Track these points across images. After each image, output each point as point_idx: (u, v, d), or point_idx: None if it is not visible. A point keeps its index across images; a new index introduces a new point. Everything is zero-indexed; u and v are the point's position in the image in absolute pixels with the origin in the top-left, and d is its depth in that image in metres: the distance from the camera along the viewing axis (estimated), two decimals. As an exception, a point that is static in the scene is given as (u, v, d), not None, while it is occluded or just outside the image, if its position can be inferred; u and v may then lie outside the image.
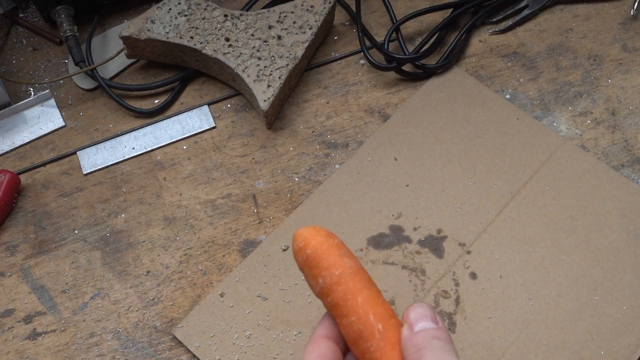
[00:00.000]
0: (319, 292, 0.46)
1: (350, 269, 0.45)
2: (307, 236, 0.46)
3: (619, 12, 0.73)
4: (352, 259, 0.46)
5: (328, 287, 0.45)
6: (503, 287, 0.60)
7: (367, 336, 0.43)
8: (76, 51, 0.70)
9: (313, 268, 0.46)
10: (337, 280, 0.45)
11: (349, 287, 0.45)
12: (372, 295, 0.45)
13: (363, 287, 0.45)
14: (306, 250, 0.46)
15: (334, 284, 0.45)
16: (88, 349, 0.60)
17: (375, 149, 0.67)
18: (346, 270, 0.45)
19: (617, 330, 0.58)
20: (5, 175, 0.65)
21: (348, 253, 0.47)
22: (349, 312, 0.44)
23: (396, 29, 0.71)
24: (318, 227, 0.47)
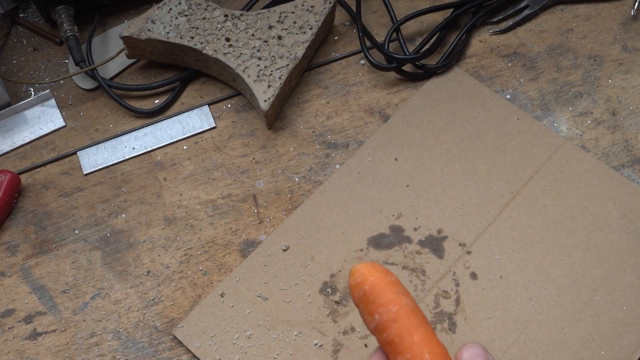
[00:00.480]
0: (375, 328, 0.46)
1: (407, 306, 0.46)
2: (365, 272, 0.47)
3: (619, 13, 0.73)
4: (408, 297, 0.47)
5: (384, 323, 0.45)
6: (503, 287, 0.60)
7: None
8: (76, 51, 0.70)
9: (369, 304, 0.46)
10: (394, 317, 0.45)
11: (405, 324, 0.45)
12: (428, 334, 0.45)
13: (419, 326, 0.45)
14: (364, 286, 0.46)
15: (391, 320, 0.45)
16: (88, 349, 0.60)
17: (375, 149, 0.67)
18: (403, 308, 0.46)
19: (617, 331, 0.58)
20: (5, 175, 0.65)
21: (404, 291, 0.47)
22: (405, 349, 0.44)
23: (396, 29, 0.71)
24: (375, 263, 0.48)
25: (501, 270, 0.61)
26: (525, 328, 0.58)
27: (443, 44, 0.72)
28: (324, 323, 0.59)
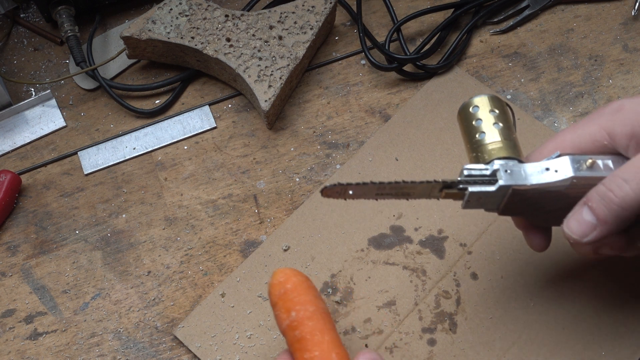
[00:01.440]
0: (288, 325, 0.49)
1: (322, 310, 0.50)
2: (289, 273, 0.51)
3: (620, 13, 0.73)
4: (323, 303, 0.51)
5: (300, 320, 0.49)
6: (504, 287, 0.60)
7: None
8: (77, 51, 0.70)
9: (288, 301, 0.50)
10: (310, 315, 0.49)
11: (319, 324, 0.49)
12: (336, 338, 0.49)
13: (330, 329, 0.49)
14: (286, 284, 0.51)
15: (307, 318, 0.49)
16: (89, 349, 0.60)
17: (376, 149, 0.67)
18: (319, 310, 0.50)
19: (618, 331, 0.58)
20: (6, 176, 0.65)
21: (321, 297, 0.52)
22: (314, 347, 0.48)
23: (397, 29, 0.71)
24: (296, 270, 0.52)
25: (502, 271, 0.61)
26: (526, 328, 0.58)
27: (444, 44, 0.72)
28: None
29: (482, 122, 0.51)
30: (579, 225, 0.47)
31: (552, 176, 0.48)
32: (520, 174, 0.48)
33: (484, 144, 0.50)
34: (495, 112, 0.51)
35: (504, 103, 0.52)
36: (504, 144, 0.50)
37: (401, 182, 0.49)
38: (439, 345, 0.58)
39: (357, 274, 0.61)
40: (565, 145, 0.50)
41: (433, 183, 0.49)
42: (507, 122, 0.51)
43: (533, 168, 0.49)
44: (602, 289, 0.59)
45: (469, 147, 0.51)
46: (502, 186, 0.48)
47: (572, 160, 0.48)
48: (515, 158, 0.49)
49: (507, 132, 0.50)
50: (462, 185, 0.49)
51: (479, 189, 0.48)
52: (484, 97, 0.52)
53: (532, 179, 0.48)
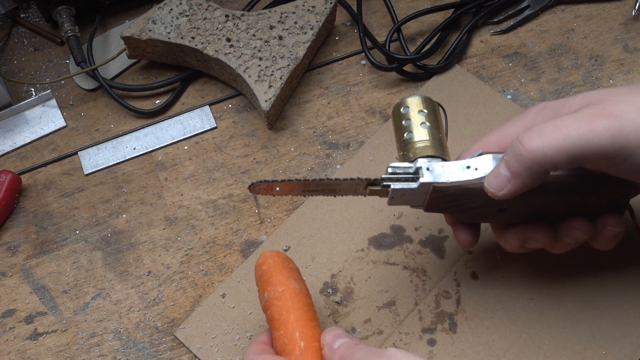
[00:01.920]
0: (264, 306, 0.52)
1: (293, 290, 0.52)
2: (267, 255, 0.53)
3: (620, 13, 0.73)
4: (299, 282, 0.53)
5: (270, 301, 0.51)
6: (504, 287, 0.60)
7: (290, 350, 0.49)
8: (77, 51, 0.70)
9: (263, 282, 0.52)
10: (279, 296, 0.51)
11: (287, 304, 0.51)
12: (305, 317, 0.51)
13: (298, 308, 0.51)
14: (262, 266, 0.53)
15: (275, 298, 0.51)
16: (89, 349, 0.60)
17: (376, 149, 0.67)
18: (289, 290, 0.52)
19: (619, 330, 0.58)
20: (6, 176, 0.65)
21: (297, 277, 0.53)
22: (280, 326, 0.50)
23: (397, 30, 0.71)
24: (281, 252, 0.54)
25: (502, 270, 0.61)
26: (526, 328, 0.58)
27: (444, 44, 0.72)
28: (324, 324, 0.59)
29: (411, 121, 0.53)
30: (495, 178, 0.48)
31: (471, 174, 0.50)
32: (441, 171, 0.50)
33: (411, 142, 0.52)
34: (424, 113, 0.53)
35: (435, 104, 0.54)
36: (430, 143, 0.51)
37: (326, 180, 0.51)
38: (439, 346, 0.58)
39: (357, 273, 0.61)
40: (491, 145, 0.52)
41: (357, 180, 0.51)
42: (435, 122, 0.53)
43: (454, 166, 0.50)
44: (602, 288, 0.59)
45: (398, 146, 0.53)
46: (423, 183, 0.50)
47: (493, 158, 0.50)
48: (439, 157, 0.51)
49: (434, 131, 0.52)
50: (385, 182, 0.51)
51: (401, 185, 0.50)
52: (416, 98, 0.53)
53: (452, 177, 0.50)
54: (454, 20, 0.72)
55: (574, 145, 0.45)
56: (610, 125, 0.44)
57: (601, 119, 0.45)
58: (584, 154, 0.45)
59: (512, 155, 0.47)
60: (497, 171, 0.48)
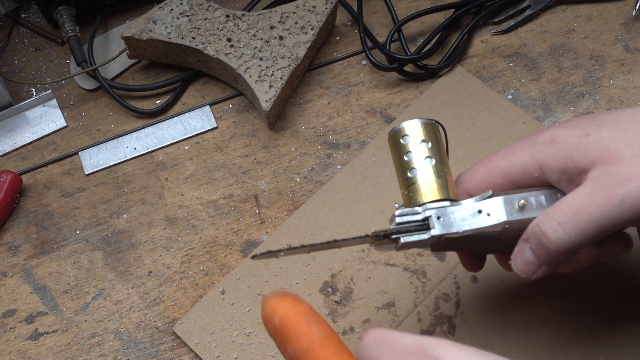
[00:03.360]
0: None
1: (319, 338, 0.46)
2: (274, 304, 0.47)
3: (620, 13, 0.73)
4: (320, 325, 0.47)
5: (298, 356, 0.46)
6: (504, 291, 0.60)
7: None
8: (78, 51, 0.71)
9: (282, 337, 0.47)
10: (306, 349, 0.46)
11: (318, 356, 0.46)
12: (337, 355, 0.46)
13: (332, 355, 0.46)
14: (274, 319, 0.47)
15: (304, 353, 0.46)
16: (90, 349, 0.60)
17: (379, 150, 0.67)
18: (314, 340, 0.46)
19: (618, 338, 0.57)
20: (7, 176, 0.65)
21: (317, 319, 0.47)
22: None
23: (398, 30, 0.71)
24: (285, 293, 0.48)
25: (502, 274, 0.60)
26: (524, 332, 0.58)
27: (445, 44, 0.72)
28: None
29: (413, 156, 0.49)
30: (525, 265, 0.47)
31: (484, 220, 0.47)
32: (452, 219, 0.47)
33: (416, 183, 0.48)
34: (428, 144, 0.49)
35: (437, 128, 0.50)
36: (437, 184, 0.48)
37: (332, 242, 0.48)
38: None
39: (357, 274, 0.61)
40: (497, 173, 0.49)
41: (364, 237, 0.48)
42: (439, 154, 0.49)
43: (465, 212, 0.47)
44: (603, 294, 0.59)
45: (401, 182, 0.50)
46: (434, 235, 0.47)
47: (504, 201, 0.47)
48: (447, 199, 0.48)
49: (440, 167, 0.48)
50: (394, 235, 0.48)
51: (412, 239, 0.48)
52: (416, 125, 0.49)
53: (464, 225, 0.47)
54: (455, 20, 0.72)
55: (599, 226, 0.44)
56: (629, 194, 0.43)
57: (618, 188, 0.43)
58: (610, 227, 0.44)
59: (537, 246, 0.45)
60: (524, 257, 0.47)
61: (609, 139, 0.45)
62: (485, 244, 0.50)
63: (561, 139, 0.47)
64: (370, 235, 0.48)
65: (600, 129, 0.46)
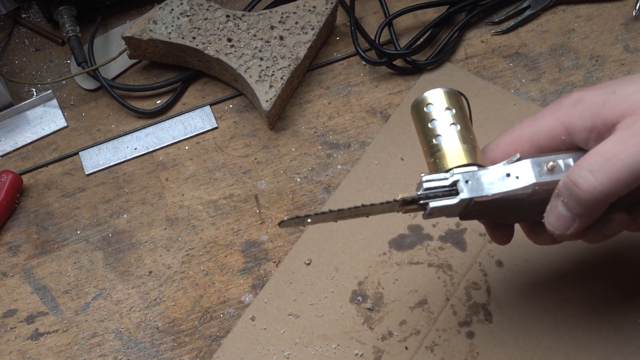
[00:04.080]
0: None
1: None
2: None
3: (621, 13, 0.73)
4: None
5: None
6: (531, 271, 0.60)
7: None
8: (78, 52, 0.71)
9: None
10: None
11: None
12: None
13: None
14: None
15: None
16: (90, 349, 0.61)
17: (380, 152, 0.67)
18: None
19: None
20: (7, 176, 0.66)
21: None
22: None
23: (388, 24, 0.71)
24: None
25: (526, 254, 0.60)
26: (560, 307, 0.58)
27: (436, 40, 0.72)
28: (360, 332, 0.59)
29: (438, 123, 0.48)
30: (557, 220, 0.46)
31: (513, 183, 0.46)
32: (481, 183, 0.46)
33: (442, 149, 0.48)
34: (452, 111, 0.48)
35: (460, 97, 0.50)
36: (463, 149, 0.47)
37: (360, 207, 0.47)
38: (478, 337, 0.58)
39: (383, 277, 0.61)
40: (523, 140, 0.48)
41: (392, 202, 0.47)
42: (464, 120, 0.49)
43: (494, 175, 0.47)
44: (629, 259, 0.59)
45: (426, 151, 0.49)
46: (463, 199, 0.46)
47: (533, 163, 0.46)
48: (474, 164, 0.47)
49: (465, 133, 0.48)
50: (422, 200, 0.47)
51: (440, 203, 0.47)
52: (439, 93, 0.49)
53: (493, 188, 0.46)
54: (448, 18, 0.72)
55: (632, 172, 0.43)
56: None
57: None
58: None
59: (569, 197, 0.45)
60: (557, 212, 0.46)
61: (636, 92, 0.45)
62: (514, 211, 0.49)
63: (587, 98, 0.46)
64: (398, 200, 0.47)
65: (627, 84, 0.45)
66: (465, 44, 0.73)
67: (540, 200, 0.48)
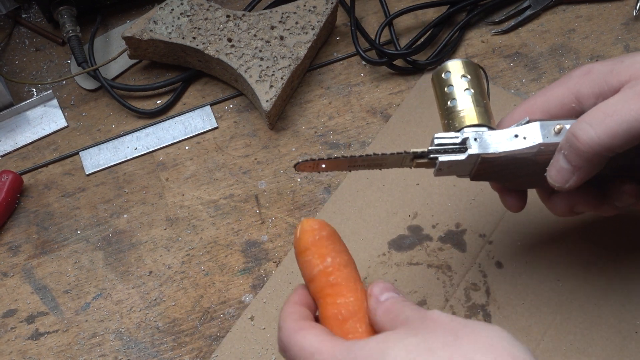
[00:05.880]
0: (321, 271, 0.48)
1: (353, 261, 0.50)
2: (322, 222, 0.50)
3: (621, 13, 0.73)
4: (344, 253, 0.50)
5: (336, 266, 0.48)
6: (530, 271, 0.60)
7: (363, 314, 0.47)
8: (79, 52, 0.71)
9: (323, 248, 0.49)
10: (346, 263, 0.49)
11: (354, 274, 0.49)
12: (364, 289, 0.49)
13: (360, 281, 0.49)
14: (322, 231, 0.49)
15: (343, 265, 0.49)
16: (90, 349, 0.61)
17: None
18: (351, 260, 0.50)
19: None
20: (7, 176, 0.66)
21: (342, 248, 0.50)
22: (349, 293, 0.48)
23: (389, 24, 0.71)
24: (316, 220, 0.50)
25: (525, 255, 0.61)
26: (559, 309, 0.58)
27: (436, 40, 0.72)
28: None
29: (454, 88, 0.51)
30: (557, 173, 0.48)
31: (520, 143, 0.49)
32: (489, 141, 0.49)
33: (455, 111, 0.51)
34: (468, 78, 0.51)
35: (477, 67, 0.53)
36: (475, 111, 0.50)
37: (372, 155, 0.50)
38: None
39: (383, 278, 0.61)
40: (535, 109, 0.51)
41: (404, 154, 0.50)
42: (479, 87, 0.52)
43: (502, 135, 0.49)
44: (627, 258, 0.59)
45: (441, 114, 0.52)
46: (471, 155, 0.49)
47: (541, 126, 0.49)
48: (485, 125, 0.50)
49: (479, 98, 0.51)
50: (432, 155, 0.50)
51: (449, 158, 0.49)
52: (457, 62, 0.52)
53: (501, 147, 0.49)
54: (448, 18, 0.72)
55: (630, 128, 0.44)
56: None
57: None
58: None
59: (569, 149, 0.47)
60: (557, 165, 0.48)
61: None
62: (524, 174, 0.51)
63: (595, 68, 0.49)
64: (409, 152, 0.50)
65: (635, 55, 0.47)
66: (465, 44, 0.73)
67: (546, 161, 0.49)
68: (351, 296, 0.48)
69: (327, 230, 0.50)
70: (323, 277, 0.49)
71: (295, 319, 0.46)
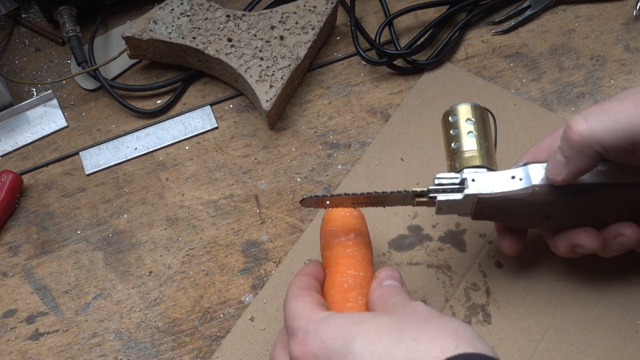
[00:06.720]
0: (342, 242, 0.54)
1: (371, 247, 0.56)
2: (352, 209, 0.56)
3: (621, 13, 0.73)
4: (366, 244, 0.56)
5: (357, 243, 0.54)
6: (530, 271, 0.60)
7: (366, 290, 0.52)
8: (79, 51, 0.71)
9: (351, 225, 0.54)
10: (366, 244, 0.55)
11: (369, 255, 0.55)
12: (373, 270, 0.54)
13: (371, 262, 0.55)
14: (353, 211, 0.55)
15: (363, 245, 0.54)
16: (90, 349, 0.61)
17: (380, 152, 0.67)
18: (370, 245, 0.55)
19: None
20: (7, 176, 0.66)
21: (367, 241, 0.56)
22: (361, 268, 0.53)
23: (389, 24, 0.71)
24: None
25: (525, 256, 0.61)
26: (559, 309, 0.59)
27: (436, 40, 0.72)
28: None
29: (459, 130, 0.54)
30: (552, 165, 0.49)
31: (515, 184, 0.51)
32: (486, 182, 0.51)
33: (458, 152, 0.53)
34: (472, 121, 0.54)
35: (484, 110, 0.55)
36: (477, 154, 0.53)
37: (374, 193, 0.52)
38: None
39: None
40: (542, 151, 0.53)
41: (404, 193, 0.52)
42: (483, 130, 0.54)
43: (500, 177, 0.51)
44: (627, 258, 0.59)
45: (447, 155, 0.55)
46: (467, 195, 0.51)
47: (537, 168, 0.51)
48: (485, 167, 0.52)
49: (482, 140, 0.53)
50: (431, 194, 0.52)
51: (447, 197, 0.52)
52: (465, 106, 0.54)
53: (497, 187, 0.51)
54: (448, 18, 0.72)
55: (622, 128, 0.45)
56: None
57: None
58: (633, 137, 0.46)
59: (563, 141, 0.48)
60: (554, 158, 0.49)
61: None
62: (522, 214, 0.52)
63: None
64: (409, 191, 0.52)
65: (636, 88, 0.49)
66: (465, 44, 0.73)
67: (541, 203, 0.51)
68: (362, 271, 0.52)
69: (358, 212, 0.55)
70: (342, 248, 0.53)
71: (298, 287, 0.50)
